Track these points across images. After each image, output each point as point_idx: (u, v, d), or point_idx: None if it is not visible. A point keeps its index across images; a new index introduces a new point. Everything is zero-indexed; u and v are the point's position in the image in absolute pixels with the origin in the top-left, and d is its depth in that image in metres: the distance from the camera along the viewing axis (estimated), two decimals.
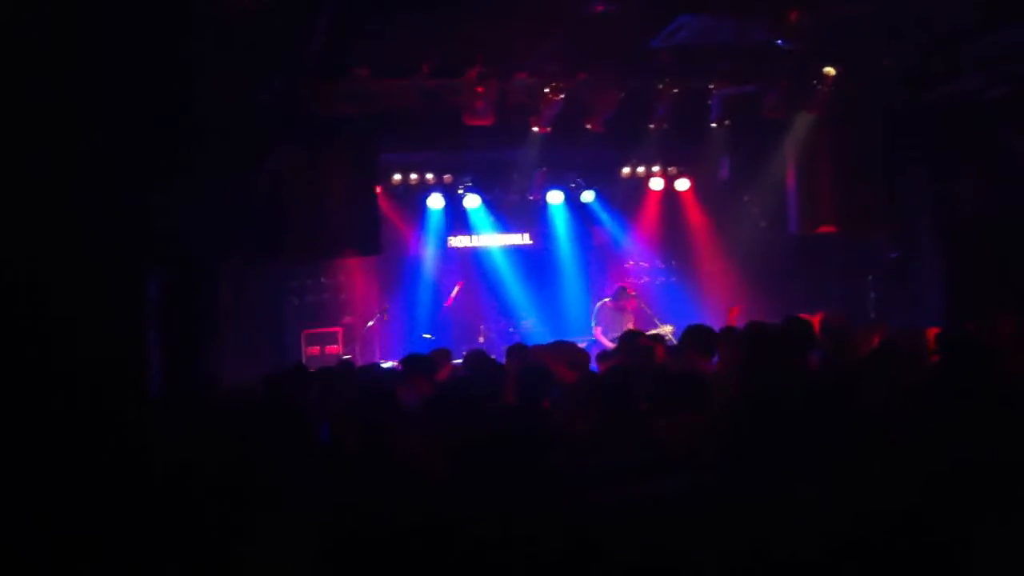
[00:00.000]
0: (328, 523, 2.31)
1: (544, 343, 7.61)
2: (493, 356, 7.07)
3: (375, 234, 10.53)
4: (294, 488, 2.58)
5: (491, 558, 2.17)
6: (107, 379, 3.34)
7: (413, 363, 6.28)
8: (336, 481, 3.06)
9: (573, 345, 6.95)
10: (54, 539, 2.77)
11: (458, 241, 13.83)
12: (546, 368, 5.57)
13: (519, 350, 6.94)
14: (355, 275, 12.98)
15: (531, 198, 13.73)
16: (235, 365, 8.65)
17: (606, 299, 11.89)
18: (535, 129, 10.83)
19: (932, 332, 6.47)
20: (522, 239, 14.10)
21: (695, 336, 6.41)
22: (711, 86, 10.60)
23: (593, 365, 6.72)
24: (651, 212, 14.16)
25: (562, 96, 10.13)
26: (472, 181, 13.33)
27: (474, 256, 13.90)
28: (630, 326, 10.74)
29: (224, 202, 6.89)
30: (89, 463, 3.02)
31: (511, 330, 13.18)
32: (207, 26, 5.54)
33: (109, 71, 3.42)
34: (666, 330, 11.36)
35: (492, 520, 2.24)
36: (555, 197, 13.66)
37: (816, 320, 7.42)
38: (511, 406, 5.15)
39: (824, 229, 11.97)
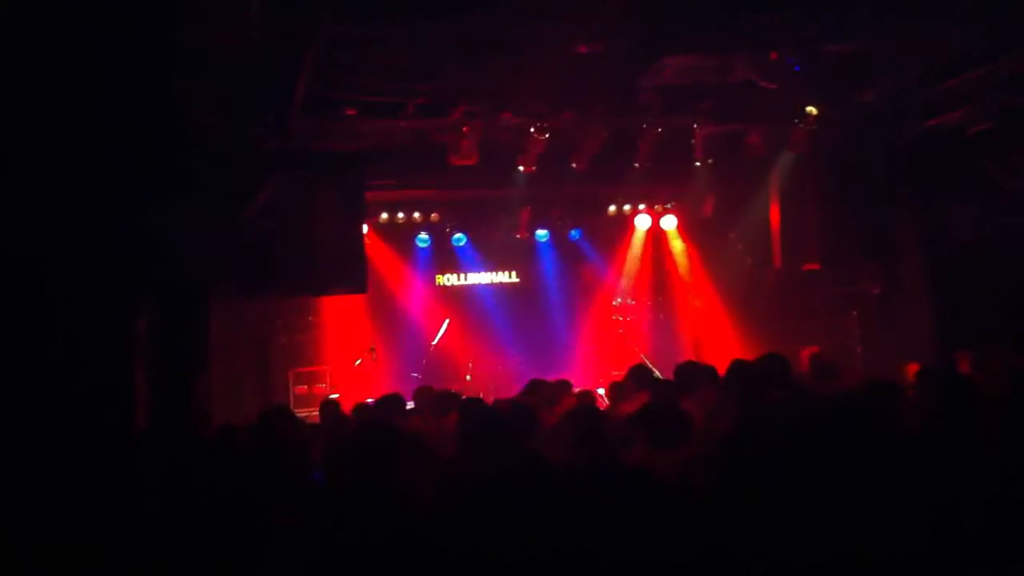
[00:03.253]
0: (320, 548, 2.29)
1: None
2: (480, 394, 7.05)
3: (362, 271, 10.51)
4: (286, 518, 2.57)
5: None
6: (93, 414, 3.32)
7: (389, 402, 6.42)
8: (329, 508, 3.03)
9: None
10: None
11: (445, 279, 13.86)
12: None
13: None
14: (342, 314, 12.96)
15: (517, 236, 13.79)
16: (221, 403, 8.59)
17: None
18: (521, 168, 10.89)
19: (913, 368, 6.50)
20: (509, 277, 14.14)
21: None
22: (695, 125, 10.70)
23: None
24: (637, 249, 14.24)
25: (547, 135, 10.19)
26: (459, 220, 13.40)
27: (461, 294, 13.92)
28: None
29: (213, 235, 6.89)
30: (75, 498, 2.99)
31: (499, 368, 13.14)
32: (200, 60, 5.59)
33: (101, 104, 3.44)
34: None
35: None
36: (541, 235, 13.75)
37: (803, 356, 7.47)
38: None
39: (809, 266, 12.06)
